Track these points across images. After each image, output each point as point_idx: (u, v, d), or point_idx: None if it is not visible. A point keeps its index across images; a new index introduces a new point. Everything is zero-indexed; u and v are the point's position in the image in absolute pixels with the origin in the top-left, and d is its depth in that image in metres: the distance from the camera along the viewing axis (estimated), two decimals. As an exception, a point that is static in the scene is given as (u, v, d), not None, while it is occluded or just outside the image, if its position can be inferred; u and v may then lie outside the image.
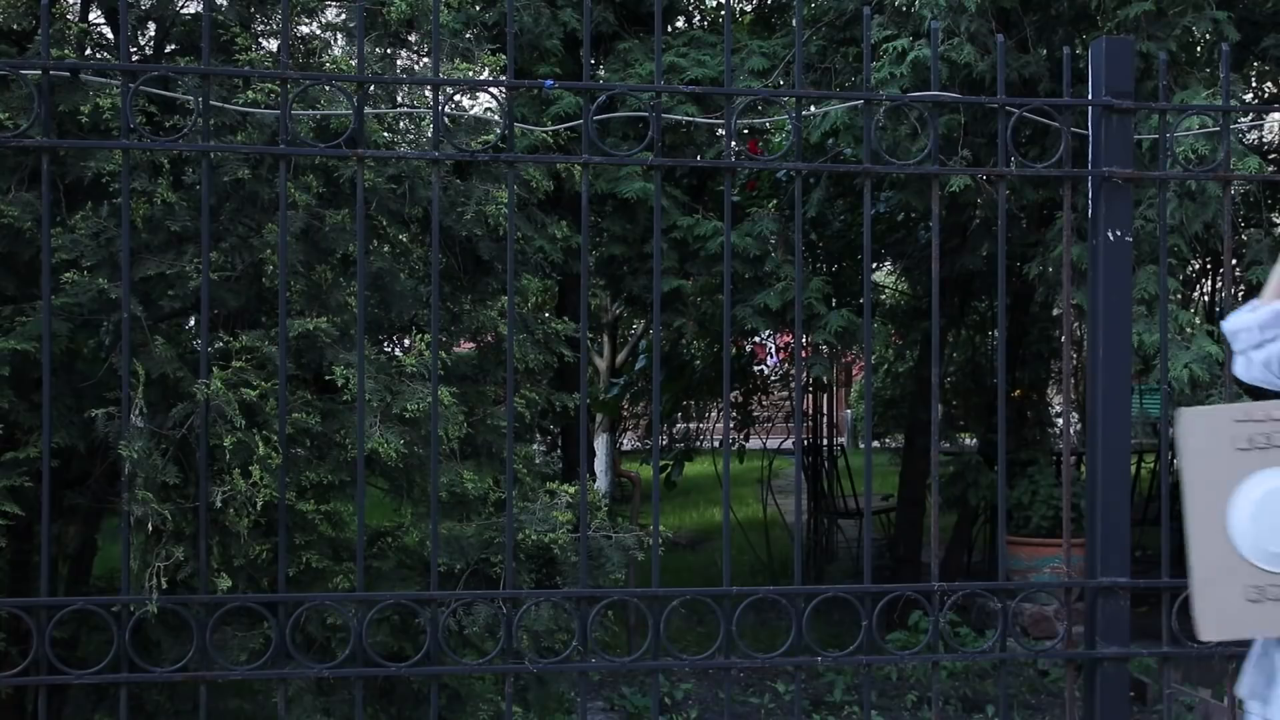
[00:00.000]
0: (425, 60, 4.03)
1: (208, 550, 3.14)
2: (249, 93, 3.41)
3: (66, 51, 3.43)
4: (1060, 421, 5.81)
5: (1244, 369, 2.36)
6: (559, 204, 5.24)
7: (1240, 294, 7.03)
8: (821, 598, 3.28)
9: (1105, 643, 3.32)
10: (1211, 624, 2.21)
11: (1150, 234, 4.83)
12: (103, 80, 3.33)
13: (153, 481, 3.17)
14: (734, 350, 7.43)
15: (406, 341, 4.19)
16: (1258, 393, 2.41)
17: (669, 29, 6.84)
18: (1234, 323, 2.37)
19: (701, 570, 8.80)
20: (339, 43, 4.02)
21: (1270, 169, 6.02)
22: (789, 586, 3.26)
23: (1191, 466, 2.19)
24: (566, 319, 4.31)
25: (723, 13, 6.95)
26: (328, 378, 3.46)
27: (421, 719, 3.76)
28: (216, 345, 3.42)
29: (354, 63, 3.21)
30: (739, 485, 10.44)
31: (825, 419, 9.25)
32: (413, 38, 4.06)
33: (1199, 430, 2.20)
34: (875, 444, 8.51)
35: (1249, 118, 5.34)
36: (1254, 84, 6.60)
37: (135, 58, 3.78)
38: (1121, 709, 3.33)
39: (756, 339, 7.95)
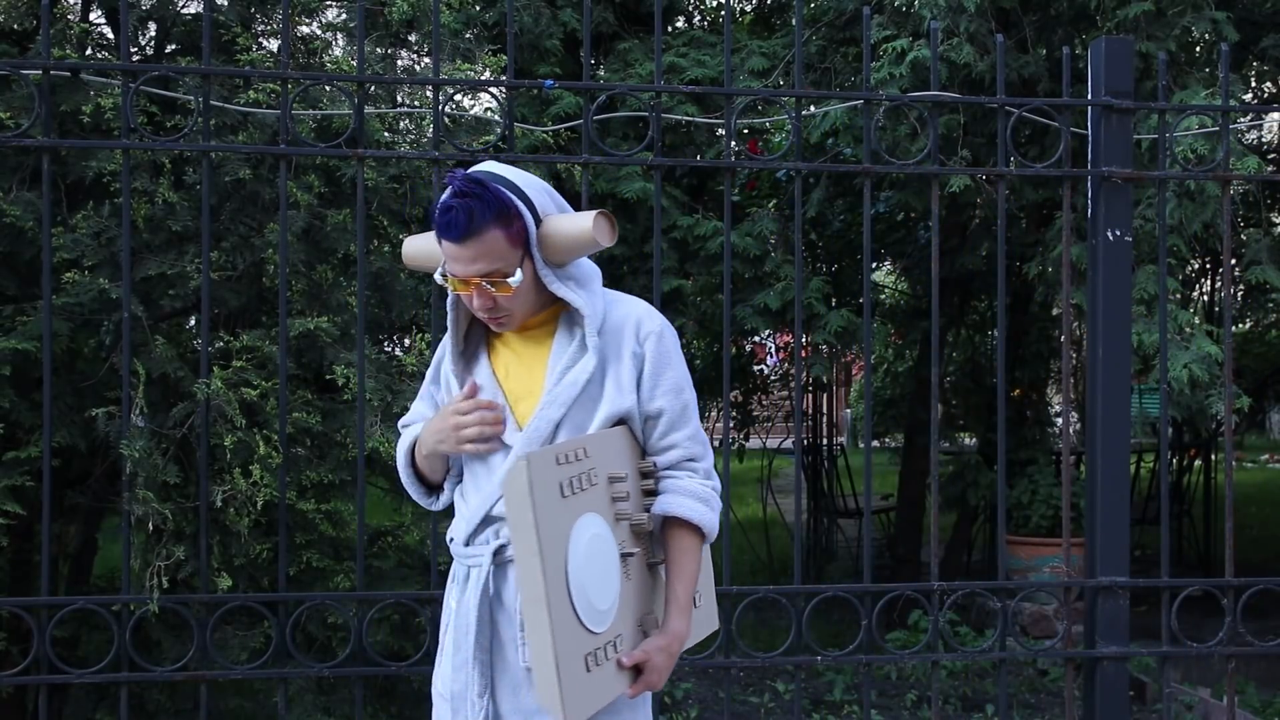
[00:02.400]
0: (426, 60, 4.03)
1: (208, 550, 3.14)
2: (250, 93, 3.42)
3: (68, 51, 3.43)
4: (1060, 421, 5.82)
5: None
6: (559, 204, 5.22)
7: (1240, 294, 7.04)
8: (821, 597, 3.29)
9: (1104, 642, 3.33)
10: (577, 710, 1.82)
11: (1150, 234, 4.84)
12: (104, 80, 3.33)
13: (153, 481, 3.17)
14: (734, 350, 7.43)
15: (407, 341, 4.19)
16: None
17: (669, 29, 6.84)
18: None
19: (701, 570, 8.77)
20: (340, 43, 4.02)
21: (1269, 169, 6.02)
22: (789, 586, 3.26)
23: (523, 526, 1.79)
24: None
25: (723, 13, 6.95)
26: (328, 377, 3.46)
27: (421, 718, 3.76)
28: (217, 345, 3.42)
29: (354, 63, 3.21)
30: (739, 485, 10.45)
31: (825, 419, 9.26)
32: (413, 38, 4.06)
33: (522, 483, 1.78)
34: (875, 444, 8.51)
35: (1248, 118, 5.35)
36: (1253, 84, 6.60)
37: (136, 58, 3.79)
38: (1121, 708, 3.33)
39: (756, 339, 7.95)
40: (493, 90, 3.30)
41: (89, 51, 3.61)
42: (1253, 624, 3.80)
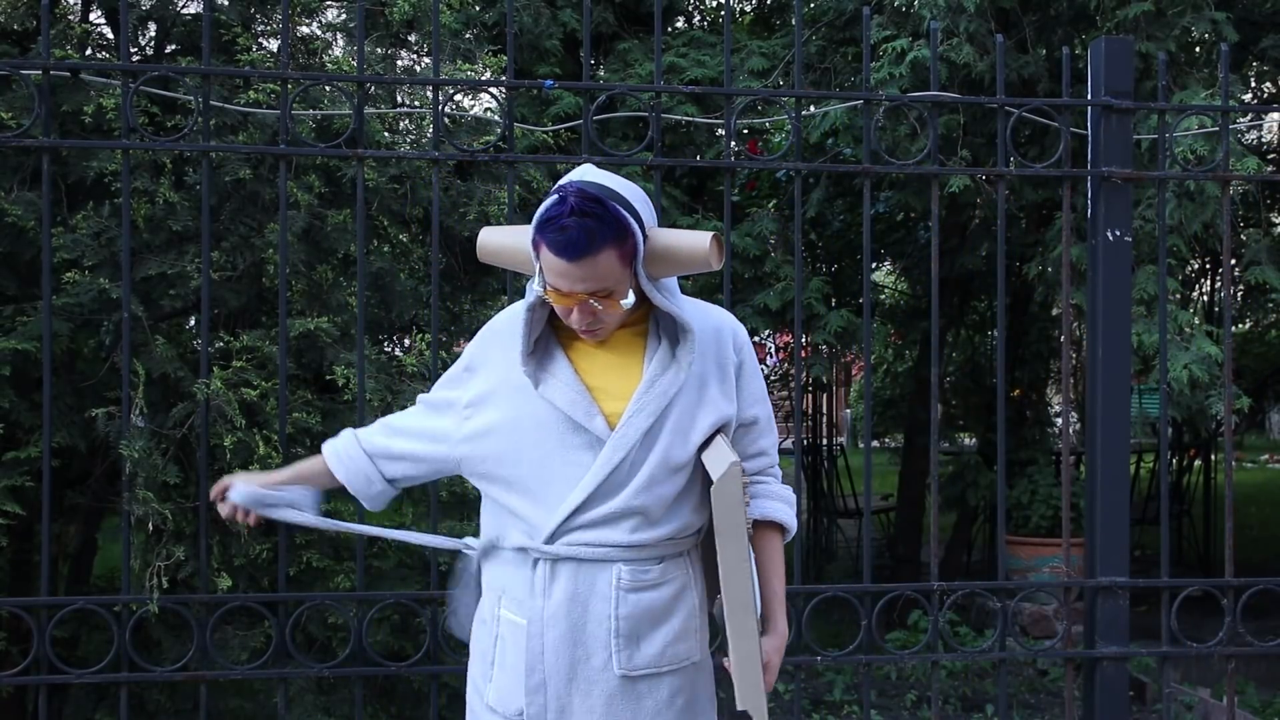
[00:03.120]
0: (426, 60, 4.03)
1: (208, 550, 3.14)
2: (250, 93, 3.42)
3: (68, 51, 3.43)
4: (1060, 421, 5.82)
5: None
6: (559, 204, 5.22)
7: (1239, 294, 7.04)
8: (821, 597, 3.29)
9: (1104, 642, 3.33)
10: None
11: (1150, 234, 4.84)
12: (104, 80, 3.33)
13: (153, 481, 3.17)
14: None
15: (407, 341, 4.19)
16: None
17: (669, 29, 6.84)
18: None
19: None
20: (340, 43, 4.02)
21: (1269, 169, 6.02)
22: (788, 586, 3.26)
23: (736, 533, 1.85)
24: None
25: (723, 13, 6.95)
26: (328, 377, 3.46)
27: (421, 718, 3.76)
28: (217, 345, 3.42)
29: (355, 63, 3.21)
30: (738, 485, 10.42)
31: (825, 419, 9.26)
32: (413, 38, 4.06)
33: (737, 488, 1.84)
34: (875, 444, 8.51)
35: (1248, 118, 5.35)
36: (1253, 84, 6.61)
37: (136, 58, 3.79)
38: (1120, 708, 3.33)
39: (756, 339, 7.95)
40: (493, 90, 3.30)
41: (89, 52, 3.62)
42: (1253, 624, 3.80)
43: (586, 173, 1.95)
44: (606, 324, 1.96)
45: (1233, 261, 5.61)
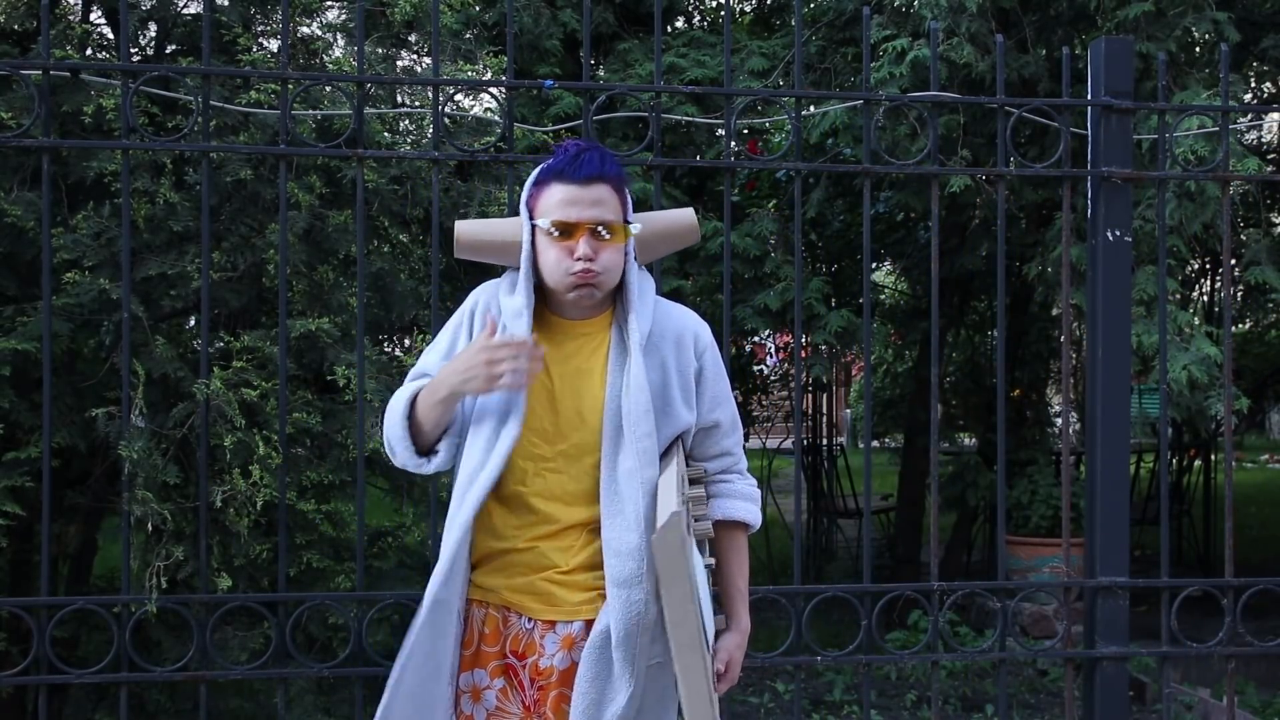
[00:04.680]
0: (426, 61, 4.03)
1: (208, 550, 3.14)
2: (250, 93, 3.42)
3: (68, 51, 3.43)
4: (1060, 421, 5.82)
5: None
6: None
7: (1239, 294, 7.04)
8: (821, 597, 3.29)
9: (1104, 642, 3.33)
10: None
11: (1150, 234, 4.84)
12: (104, 80, 3.33)
13: (153, 481, 3.17)
14: (734, 350, 7.43)
15: (407, 342, 4.19)
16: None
17: (669, 29, 6.84)
18: None
19: (701, 570, 8.77)
20: (340, 43, 4.02)
21: (1269, 169, 6.02)
22: (788, 586, 3.26)
23: (679, 577, 1.80)
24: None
25: (723, 13, 6.95)
26: (329, 378, 3.46)
27: (422, 718, 3.76)
28: (217, 345, 3.42)
29: (355, 63, 3.21)
30: (738, 485, 10.41)
31: (825, 419, 9.26)
32: (413, 38, 4.06)
33: (678, 535, 1.79)
34: (875, 444, 8.52)
35: (1248, 118, 5.35)
36: (1253, 84, 6.60)
37: (136, 58, 3.79)
38: (1120, 708, 3.33)
39: (756, 339, 7.95)
40: (493, 90, 3.30)
41: (89, 52, 3.61)
42: (1252, 624, 3.80)
43: None
44: (602, 271, 1.97)
45: (1233, 261, 5.61)
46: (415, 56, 4.14)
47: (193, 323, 3.79)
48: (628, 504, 1.95)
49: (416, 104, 3.95)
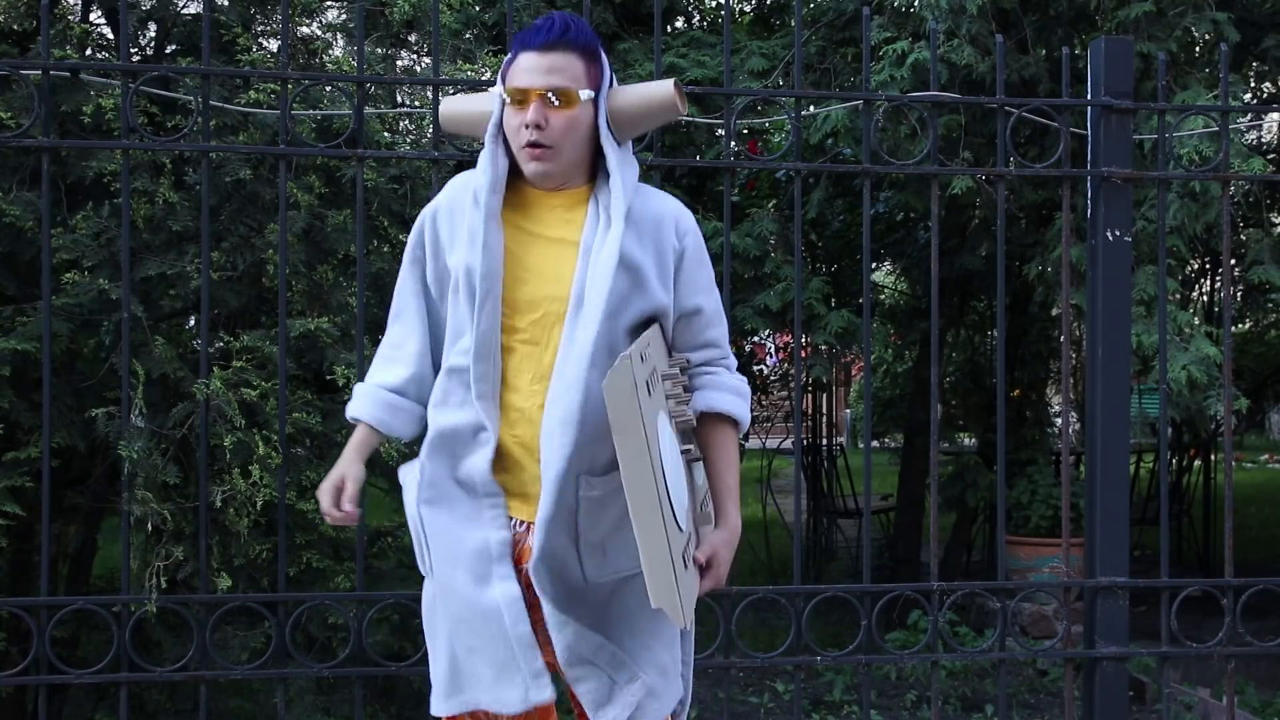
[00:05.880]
0: (426, 60, 4.03)
1: (208, 550, 3.14)
2: (250, 93, 3.42)
3: (68, 51, 3.43)
4: (1060, 421, 5.82)
5: None
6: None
7: (1239, 294, 7.04)
8: (821, 597, 3.29)
9: (1104, 642, 3.33)
10: (688, 611, 1.86)
11: (1150, 234, 4.84)
12: (104, 80, 3.34)
13: (153, 481, 3.17)
14: (734, 350, 7.42)
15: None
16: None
17: (669, 29, 6.84)
18: None
19: (701, 570, 8.77)
20: (340, 43, 4.02)
21: (1270, 169, 6.02)
22: (788, 586, 3.26)
23: (632, 428, 1.71)
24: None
25: (722, 13, 6.95)
26: (328, 377, 3.47)
27: (421, 719, 3.76)
28: (217, 345, 3.42)
29: (355, 63, 3.22)
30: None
31: (825, 419, 9.26)
32: (413, 38, 4.06)
33: (628, 382, 1.70)
34: (875, 444, 8.51)
35: (1248, 118, 5.35)
36: (1254, 84, 6.60)
37: (136, 58, 3.79)
38: (1120, 708, 3.33)
39: (756, 339, 7.95)
40: (493, 90, 3.30)
41: (89, 52, 3.61)
42: (1252, 624, 3.79)
43: None
44: (555, 142, 1.91)
45: (1233, 261, 5.61)
46: (415, 56, 4.14)
47: (192, 323, 3.79)
48: (572, 366, 1.87)
49: (416, 104, 3.94)
